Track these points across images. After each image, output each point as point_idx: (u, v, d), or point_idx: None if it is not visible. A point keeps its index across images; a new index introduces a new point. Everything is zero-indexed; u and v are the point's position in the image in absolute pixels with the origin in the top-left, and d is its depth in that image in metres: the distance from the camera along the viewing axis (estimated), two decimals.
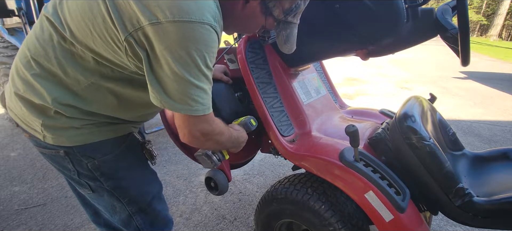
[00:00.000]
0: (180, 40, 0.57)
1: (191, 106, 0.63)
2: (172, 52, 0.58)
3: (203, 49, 0.60)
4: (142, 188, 0.88)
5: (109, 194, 0.82)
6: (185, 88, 0.61)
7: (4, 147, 2.64)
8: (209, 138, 0.73)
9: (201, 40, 0.59)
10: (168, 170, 2.33)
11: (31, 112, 0.70)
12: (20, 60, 0.71)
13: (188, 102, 0.63)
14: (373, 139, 1.10)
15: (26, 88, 0.69)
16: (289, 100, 1.21)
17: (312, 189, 1.06)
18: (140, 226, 0.89)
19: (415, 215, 0.95)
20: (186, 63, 0.59)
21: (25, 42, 0.72)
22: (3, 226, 1.69)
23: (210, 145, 0.79)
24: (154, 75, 0.62)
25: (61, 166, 0.79)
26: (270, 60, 1.22)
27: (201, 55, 0.60)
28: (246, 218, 1.77)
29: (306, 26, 1.08)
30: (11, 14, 2.35)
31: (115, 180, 0.81)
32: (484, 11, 25.14)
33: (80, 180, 0.80)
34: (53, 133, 0.71)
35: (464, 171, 1.12)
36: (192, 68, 0.60)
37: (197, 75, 0.61)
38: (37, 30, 0.69)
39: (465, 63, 0.90)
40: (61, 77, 0.68)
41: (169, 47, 0.57)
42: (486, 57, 9.82)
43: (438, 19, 0.93)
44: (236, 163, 1.36)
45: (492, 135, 3.12)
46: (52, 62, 0.66)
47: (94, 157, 0.76)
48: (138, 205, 0.87)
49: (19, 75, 0.70)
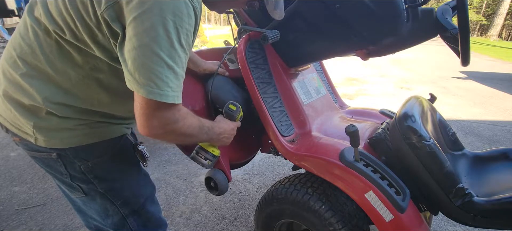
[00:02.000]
0: (153, 7, 0.53)
1: (158, 87, 0.56)
2: (143, 22, 0.53)
3: (177, 22, 0.55)
4: (135, 190, 0.87)
5: (102, 196, 0.81)
6: (154, 65, 0.55)
7: (4, 147, 2.64)
8: (172, 131, 0.65)
9: (176, 12, 0.55)
10: (168, 170, 2.33)
11: (21, 115, 0.68)
12: (6, 61, 0.69)
13: (155, 81, 0.56)
14: (373, 139, 1.10)
15: (15, 89, 0.67)
16: (289, 100, 1.21)
17: (312, 189, 1.06)
18: (133, 228, 0.88)
19: (415, 215, 0.95)
20: (157, 34, 0.54)
21: (10, 43, 0.70)
22: (3, 226, 1.69)
23: (172, 138, 0.72)
24: (123, 51, 0.57)
25: (53, 170, 0.77)
26: (270, 60, 1.22)
27: (173, 27, 0.55)
28: (246, 218, 1.77)
29: (306, 26, 1.08)
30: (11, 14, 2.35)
31: (109, 182, 0.80)
32: (484, 11, 25.14)
33: (72, 183, 0.78)
34: (45, 135, 0.70)
35: (464, 171, 1.12)
36: (163, 40, 0.55)
37: (168, 50, 0.56)
38: (22, 29, 0.68)
39: (465, 63, 0.90)
40: (50, 74, 0.66)
41: (140, 16, 0.54)
42: (486, 57, 9.81)
43: (438, 19, 0.93)
44: (236, 163, 1.36)
45: (492, 135, 3.12)
46: (39, 59, 0.65)
47: (88, 159, 0.75)
48: (132, 207, 0.86)
49: (6, 77, 0.69)
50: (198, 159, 0.93)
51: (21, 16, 2.34)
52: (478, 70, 6.99)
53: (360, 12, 0.93)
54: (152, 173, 2.24)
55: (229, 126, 0.92)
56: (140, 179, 0.90)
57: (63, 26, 0.62)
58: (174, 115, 0.63)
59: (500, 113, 3.87)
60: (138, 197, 0.87)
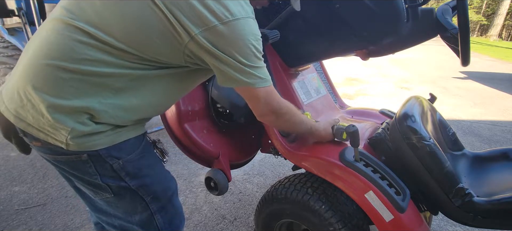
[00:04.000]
0: (237, 36, 0.67)
1: (261, 78, 0.73)
2: (233, 47, 0.67)
3: (254, 38, 0.70)
4: (164, 184, 0.88)
5: (133, 193, 0.81)
6: (250, 72, 0.71)
7: (4, 147, 2.64)
8: (283, 113, 0.84)
9: (251, 32, 0.69)
10: (168, 169, 2.33)
11: (57, 120, 0.66)
12: (45, 62, 0.65)
13: (257, 75, 0.72)
14: (373, 139, 1.10)
15: (56, 93, 0.65)
16: (289, 100, 1.21)
17: (312, 189, 1.06)
18: (160, 225, 0.89)
19: (415, 215, 0.96)
20: (246, 53, 0.69)
21: (44, 44, 0.67)
22: (3, 226, 1.69)
23: (284, 121, 0.88)
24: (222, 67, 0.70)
25: (79, 171, 0.76)
26: (270, 60, 1.22)
27: (255, 40, 0.70)
28: (246, 218, 1.77)
29: (306, 26, 1.08)
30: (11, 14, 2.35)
31: (140, 178, 0.81)
32: (484, 11, 25.13)
33: (101, 184, 0.77)
34: (78, 140, 0.68)
35: (464, 171, 1.12)
36: (251, 56, 0.70)
37: (255, 60, 0.71)
38: (62, 30, 0.66)
39: (465, 63, 0.90)
40: (97, 77, 0.66)
41: (234, 41, 0.67)
42: (486, 57, 9.82)
43: (438, 19, 0.93)
44: (236, 163, 1.36)
45: (492, 135, 3.12)
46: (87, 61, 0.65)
47: (119, 157, 0.75)
48: (161, 202, 0.87)
49: (44, 79, 0.66)
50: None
51: (21, 16, 2.34)
52: (478, 70, 6.99)
53: (360, 12, 0.93)
54: None
55: (326, 138, 1.03)
56: (166, 173, 0.92)
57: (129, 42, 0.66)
58: (278, 100, 0.81)
59: (500, 113, 3.87)
60: (167, 191, 0.89)
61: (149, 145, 0.87)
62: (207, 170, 1.16)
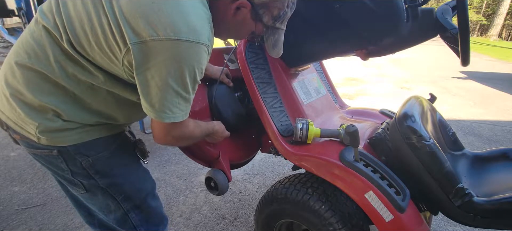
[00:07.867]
0: (175, 56, 0.61)
1: (172, 112, 0.68)
2: (167, 66, 0.62)
3: (196, 66, 0.65)
4: (136, 185, 0.88)
5: (103, 192, 0.82)
6: (170, 97, 0.66)
7: (4, 147, 2.64)
8: (182, 140, 0.82)
9: (195, 59, 0.64)
10: (168, 170, 2.32)
11: (27, 114, 0.69)
12: (15, 61, 0.69)
13: (171, 109, 0.67)
14: (373, 139, 1.10)
15: (24, 90, 0.68)
16: (289, 100, 1.21)
17: (312, 189, 1.06)
18: (135, 223, 0.89)
19: (415, 215, 0.95)
20: (177, 76, 0.63)
21: (20, 44, 0.70)
22: (3, 226, 1.69)
23: (182, 143, 0.92)
24: (143, 83, 0.65)
25: (53, 166, 0.79)
26: (270, 60, 1.22)
27: (192, 71, 0.65)
28: (246, 218, 1.77)
29: (306, 26, 1.08)
30: (11, 14, 2.35)
31: (110, 177, 0.82)
32: (484, 11, 25.13)
33: (73, 179, 0.79)
34: (48, 135, 0.71)
35: (464, 171, 1.12)
36: (183, 81, 0.65)
37: (186, 87, 0.66)
38: (34, 31, 0.69)
39: (465, 63, 0.90)
40: (60, 79, 0.68)
41: (165, 61, 0.61)
42: (486, 57, 9.82)
43: (438, 19, 0.93)
44: (236, 163, 1.36)
45: (492, 135, 3.12)
46: (51, 64, 0.67)
47: (88, 155, 0.77)
48: (133, 202, 0.87)
49: (15, 77, 0.69)
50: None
51: (21, 16, 2.34)
52: (478, 70, 6.99)
53: (360, 12, 0.93)
54: (152, 172, 2.23)
55: (217, 128, 1.00)
56: (141, 174, 0.92)
57: (78, 46, 0.65)
58: (182, 131, 0.75)
59: (500, 113, 3.87)
60: (139, 192, 0.89)
61: (126, 145, 0.87)
62: (207, 170, 1.16)
